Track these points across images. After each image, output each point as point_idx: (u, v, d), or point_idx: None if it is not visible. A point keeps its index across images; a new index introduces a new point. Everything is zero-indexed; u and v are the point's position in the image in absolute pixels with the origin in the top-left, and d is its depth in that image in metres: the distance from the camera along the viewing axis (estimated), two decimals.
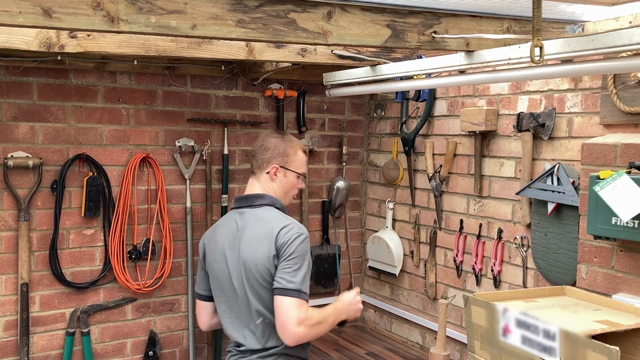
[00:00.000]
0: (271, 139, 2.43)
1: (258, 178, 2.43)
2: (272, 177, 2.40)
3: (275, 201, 2.39)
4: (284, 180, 2.42)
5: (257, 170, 2.43)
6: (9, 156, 3.06)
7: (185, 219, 3.55)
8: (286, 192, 2.46)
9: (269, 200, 2.38)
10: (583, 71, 2.15)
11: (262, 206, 2.37)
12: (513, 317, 1.43)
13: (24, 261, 3.11)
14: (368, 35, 2.14)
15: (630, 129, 2.46)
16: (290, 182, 2.44)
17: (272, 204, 2.37)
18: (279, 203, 2.40)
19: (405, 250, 3.75)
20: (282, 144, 2.42)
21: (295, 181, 2.46)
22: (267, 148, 2.41)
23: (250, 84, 3.69)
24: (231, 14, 1.90)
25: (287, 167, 2.42)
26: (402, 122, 3.64)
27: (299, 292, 2.20)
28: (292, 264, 2.22)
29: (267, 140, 2.43)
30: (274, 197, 2.40)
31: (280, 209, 2.39)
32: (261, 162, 2.41)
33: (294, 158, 2.44)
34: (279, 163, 2.40)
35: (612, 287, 2.41)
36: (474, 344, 2.27)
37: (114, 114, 3.33)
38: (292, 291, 2.19)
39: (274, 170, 2.39)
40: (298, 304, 2.20)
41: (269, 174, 2.40)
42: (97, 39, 2.60)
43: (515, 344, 1.43)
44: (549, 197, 2.72)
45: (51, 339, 3.25)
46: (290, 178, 2.44)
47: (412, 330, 3.73)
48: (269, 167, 2.40)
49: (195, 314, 2.70)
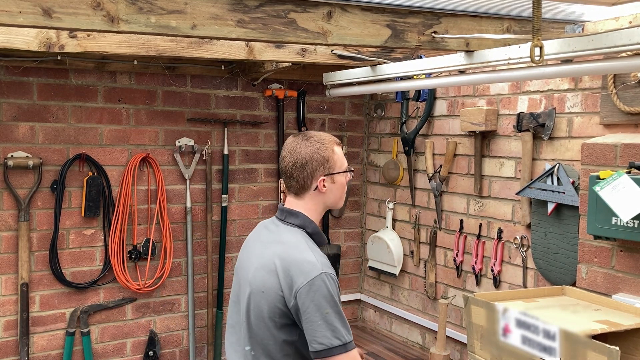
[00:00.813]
0: (301, 150, 2.06)
1: (302, 197, 2.09)
2: (322, 191, 2.08)
3: (307, 224, 2.08)
4: (334, 187, 2.11)
5: (301, 191, 2.08)
6: (9, 156, 3.06)
7: (185, 219, 3.56)
8: (339, 197, 2.15)
9: (301, 221, 2.08)
10: (583, 71, 2.15)
11: (291, 226, 2.08)
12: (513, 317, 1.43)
13: (24, 261, 3.11)
14: (368, 35, 2.13)
15: (630, 129, 2.46)
16: (341, 184, 2.12)
17: (303, 226, 2.07)
18: (311, 227, 2.08)
19: (405, 250, 3.75)
20: (316, 152, 2.06)
21: (344, 181, 2.14)
22: (303, 163, 2.05)
23: (250, 84, 3.69)
24: (231, 14, 1.90)
25: (332, 172, 2.08)
26: (402, 122, 3.64)
27: (347, 344, 1.90)
28: (320, 316, 1.90)
29: (298, 154, 2.05)
30: (307, 218, 2.08)
31: (312, 234, 2.08)
32: (303, 181, 2.06)
33: (335, 158, 2.10)
34: (324, 172, 2.06)
35: (612, 287, 2.41)
36: (474, 344, 2.27)
37: (114, 114, 3.33)
38: (343, 347, 1.90)
39: (322, 182, 2.06)
40: (350, 356, 1.91)
41: (317, 189, 2.07)
42: (97, 39, 2.60)
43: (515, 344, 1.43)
44: (549, 197, 2.72)
45: (51, 339, 3.25)
46: (340, 180, 2.12)
47: (412, 330, 3.73)
48: (315, 182, 2.06)
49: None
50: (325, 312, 1.89)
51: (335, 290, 1.93)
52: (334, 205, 2.14)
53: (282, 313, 1.96)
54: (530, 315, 1.39)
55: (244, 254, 2.18)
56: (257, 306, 2.00)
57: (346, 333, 1.91)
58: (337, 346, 1.88)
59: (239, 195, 3.73)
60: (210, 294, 3.64)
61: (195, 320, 3.61)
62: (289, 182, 2.09)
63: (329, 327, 1.89)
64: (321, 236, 2.10)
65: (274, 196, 3.83)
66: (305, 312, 1.90)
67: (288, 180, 2.09)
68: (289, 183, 2.09)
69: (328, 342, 1.88)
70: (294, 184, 2.07)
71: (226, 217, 3.67)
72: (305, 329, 1.91)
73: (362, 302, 4.18)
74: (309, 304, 1.89)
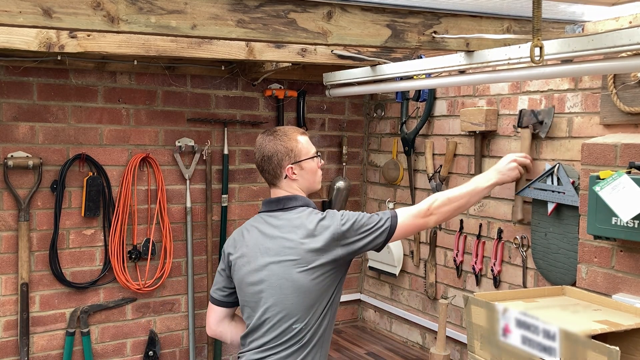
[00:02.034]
0: (265, 145, 2.25)
1: (280, 186, 2.27)
2: (292, 178, 2.25)
3: (308, 202, 2.26)
4: (304, 172, 2.27)
5: (276, 181, 2.26)
6: (9, 156, 3.06)
7: (185, 219, 3.56)
8: (312, 181, 2.31)
9: (304, 201, 2.26)
10: (583, 71, 2.15)
11: (295, 208, 2.23)
12: (513, 317, 1.43)
13: (24, 261, 3.11)
14: (368, 35, 2.14)
15: (630, 129, 2.46)
16: (311, 168, 2.29)
17: (307, 204, 2.25)
18: (312, 204, 2.27)
19: (405, 250, 3.75)
20: (279, 144, 2.24)
21: (314, 164, 2.30)
22: (269, 156, 2.23)
23: (250, 84, 3.69)
24: (231, 14, 1.90)
25: (299, 159, 2.25)
26: (402, 122, 3.64)
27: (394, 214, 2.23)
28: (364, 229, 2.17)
29: (263, 149, 2.25)
30: (305, 198, 2.27)
31: (315, 208, 2.27)
32: (273, 172, 2.24)
33: (299, 147, 2.26)
34: (290, 162, 2.24)
35: (612, 287, 2.41)
36: (474, 344, 2.27)
37: (114, 114, 3.33)
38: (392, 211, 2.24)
39: (290, 170, 2.23)
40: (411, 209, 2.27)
41: (287, 177, 2.24)
42: (97, 39, 2.60)
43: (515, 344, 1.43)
44: (549, 197, 2.72)
45: (51, 339, 3.25)
46: (309, 165, 2.28)
47: (412, 330, 3.73)
48: (283, 171, 2.23)
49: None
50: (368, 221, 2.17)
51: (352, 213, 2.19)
52: (310, 188, 2.32)
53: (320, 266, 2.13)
54: (530, 315, 1.39)
55: (245, 260, 2.26)
56: (282, 287, 2.14)
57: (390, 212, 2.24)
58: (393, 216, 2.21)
59: (239, 195, 3.73)
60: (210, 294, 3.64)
61: (195, 320, 3.61)
62: (263, 175, 2.29)
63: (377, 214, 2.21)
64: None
65: None
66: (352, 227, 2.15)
67: (263, 174, 2.30)
68: (264, 176, 2.29)
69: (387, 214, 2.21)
70: (267, 176, 2.27)
71: (226, 217, 3.67)
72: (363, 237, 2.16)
73: (362, 302, 4.18)
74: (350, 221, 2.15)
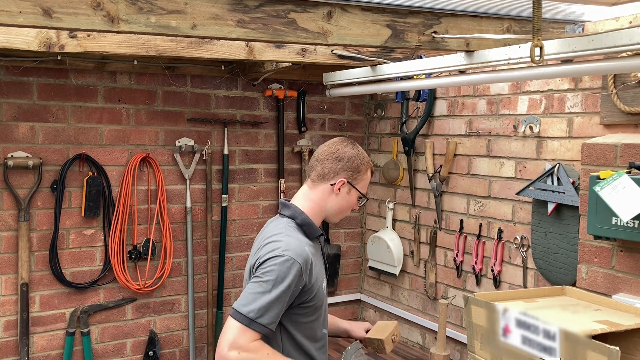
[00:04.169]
0: (346, 149, 2.14)
1: (315, 187, 2.14)
2: (335, 191, 2.13)
3: (297, 215, 2.12)
4: (346, 198, 2.15)
5: (319, 179, 2.13)
6: (9, 156, 3.06)
7: (185, 219, 3.56)
8: (342, 211, 2.19)
9: (292, 212, 2.13)
10: (583, 71, 2.15)
11: (282, 217, 2.15)
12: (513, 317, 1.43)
13: (24, 261, 3.11)
14: (368, 35, 2.14)
15: (630, 129, 2.46)
16: (351, 201, 2.17)
17: (292, 217, 2.12)
18: (300, 218, 2.11)
19: (405, 250, 3.75)
20: (356, 159, 2.14)
21: (355, 201, 2.19)
22: (340, 158, 2.12)
23: (250, 84, 3.69)
24: (231, 14, 1.90)
25: (354, 184, 2.15)
26: (402, 122, 3.64)
27: (249, 320, 1.88)
28: (256, 286, 1.93)
29: (340, 150, 2.14)
30: (298, 210, 2.13)
31: (302, 225, 2.11)
32: (328, 171, 2.12)
33: (364, 177, 2.17)
34: (348, 178, 2.13)
35: (612, 287, 2.41)
36: (474, 344, 2.27)
37: (114, 114, 3.33)
38: (240, 315, 1.89)
39: (341, 184, 2.12)
40: (242, 330, 1.89)
41: (333, 186, 2.12)
42: (97, 39, 2.60)
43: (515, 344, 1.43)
44: (549, 197, 2.72)
45: (51, 339, 3.25)
46: (353, 197, 2.16)
47: (412, 330, 3.73)
48: (336, 178, 2.11)
49: None
50: (255, 281, 1.93)
51: (284, 275, 1.92)
52: (332, 214, 2.19)
53: None
54: (531, 315, 1.39)
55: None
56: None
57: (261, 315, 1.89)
58: (243, 315, 1.88)
59: (239, 195, 3.73)
60: (210, 294, 3.64)
61: (195, 321, 3.61)
62: (314, 165, 2.15)
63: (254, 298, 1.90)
64: (312, 228, 2.12)
65: (274, 196, 3.83)
66: (252, 275, 1.97)
67: (315, 164, 2.15)
68: (314, 167, 2.15)
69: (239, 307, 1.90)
70: (319, 169, 2.13)
71: (226, 217, 3.67)
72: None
73: (362, 302, 4.18)
74: (258, 271, 1.94)
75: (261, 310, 1.89)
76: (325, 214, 2.18)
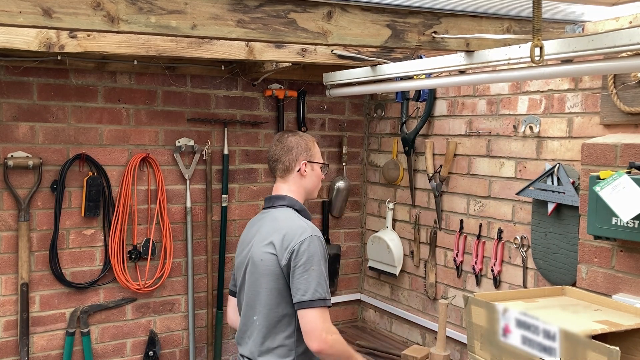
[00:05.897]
0: (289, 138, 2.45)
1: (286, 180, 2.45)
2: (303, 173, 2.43)
3: (294, 203, 2.41)
4: (313, 174, 2.46)
5: (285, 173, 2.44)
6: (9, 156, 3.06)
7: (185, 219, 3.55)
8: (316, 186, 2.50)
9: (288, 201, 2.40)
10: (583, 71, 2.15)
11: (281, 207, 2.40)
12: (513, 317, 1.43)
13: (24, 261, 3.11)
14: (368, 35, 2.14)
15: (630, 129, 2.46)
16: (318, 174, 2.49)
17: (291, 205, 2.40)
18: (298, 205, 2.41)
19: (405, 251, 3.75)
20: (301, 140, 2.45)
21: (320, 172, 2.51)
22: (289, 148, 2.43)
23: (250, 84, 3.69)
24: (231, 14, 1.90)
25: (312, 160, 2.46)
26: (402, 122, 3.64)
27: (325, 301, 2.19)
28: (309, 271, 2.19)
29: (285, 141, 2.44)
30: (293, 199, 2.41)
31: (300, 210, 2.40)
32: (289, 162, 2.42)
33: (315, 150, 2.48)
34: (306, 158, 2.43)
35: (612, 287, 2.41)
36: (474, 344, 2.27)
37: (114, 114, 3.33)
38: (318, 302, 2.18)
39: (304, 165, 2.42)
40: (325, 314, 2.19)
41: (299, 171, 2.43)
42: (97, 39, 2.60)
43: (515, 344, 1.43)
44: (549, 197, 2.72)
45: (51, 339, 3.25)
46: (317, 170, 2.48)
47: (412, 330, 3.73)
48: (298, 164, 2.42)
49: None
50: (312, 269, 2.19)
51: (322, 252, 2.24)
52: (311, 192, 2.49)
53: (279, 277, 2.24)
54: (531, 315, 1.39)
55: (243, 238, 2.50)
56: (258, 273, 2.30)
57: (326, 291, 2.20)
58: (317, 299, 2.17)
59: (239, 195, 3.73)
60: (210, 294, 3.64)
61: (195, 321, 3.61)
62: (275, 165, 2.45)
63: (313, 282, 2.18)
64: (307, 212, 2.44)
65: None
66: (295, 267, 2.20)
67: (275, 164, 2.45)
68: (276, 167, 2.45)
69: (310, 295, 2.17)
70: (281, 166, 2.43)
71: (226, 217, 3.67)
72: (292, 282, 2.21)
73: (362, 302, 4.18)
74: (299, 260, 2.20)
75: (327, 287, 2.21)
76: (306, 195, 2.47)
